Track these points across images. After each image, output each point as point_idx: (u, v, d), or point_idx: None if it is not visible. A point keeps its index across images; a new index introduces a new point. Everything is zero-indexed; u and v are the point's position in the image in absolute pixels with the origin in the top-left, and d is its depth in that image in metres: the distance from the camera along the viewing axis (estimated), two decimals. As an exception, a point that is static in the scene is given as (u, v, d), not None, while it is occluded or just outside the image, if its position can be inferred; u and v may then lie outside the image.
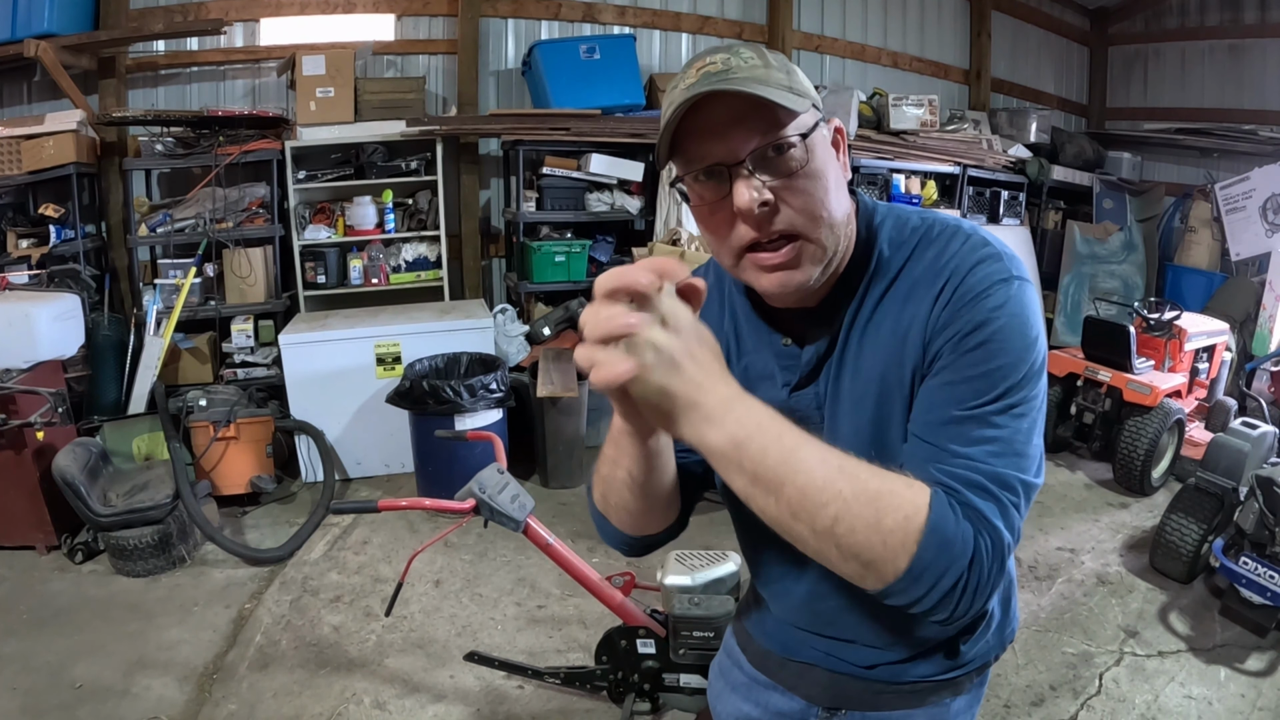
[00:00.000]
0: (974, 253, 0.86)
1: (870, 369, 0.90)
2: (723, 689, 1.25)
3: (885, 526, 0.73)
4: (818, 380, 0.94)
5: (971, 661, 1.05)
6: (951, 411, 0.81)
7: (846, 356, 0.92)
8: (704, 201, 0.86)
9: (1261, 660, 2.76)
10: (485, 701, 2.56)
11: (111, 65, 4.56)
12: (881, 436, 0.89)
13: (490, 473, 2.11)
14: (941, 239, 0.89)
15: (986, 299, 0.83)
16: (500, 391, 3.77)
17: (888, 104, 5.63)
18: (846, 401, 0.92)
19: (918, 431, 0.84)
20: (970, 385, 0.81)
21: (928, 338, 0.85)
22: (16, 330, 3.57)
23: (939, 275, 0.86)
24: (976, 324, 0.82)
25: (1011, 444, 0.80)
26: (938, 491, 0.76)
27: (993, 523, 0.77)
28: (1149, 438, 3.91)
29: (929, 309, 0.86)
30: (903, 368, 0.87)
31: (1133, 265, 6.09)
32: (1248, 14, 5.89)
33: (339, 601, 3.14)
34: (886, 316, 0.89)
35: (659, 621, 2.23)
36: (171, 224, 4.44)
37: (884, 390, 0.89)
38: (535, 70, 4.91)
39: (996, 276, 0.84)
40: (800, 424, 0.90)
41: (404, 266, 4.94)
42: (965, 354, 0.82)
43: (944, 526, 0.74)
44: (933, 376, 0.85)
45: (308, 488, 4.16)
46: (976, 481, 0.78)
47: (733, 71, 0.81)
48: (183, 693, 2.61)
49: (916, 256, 0.90)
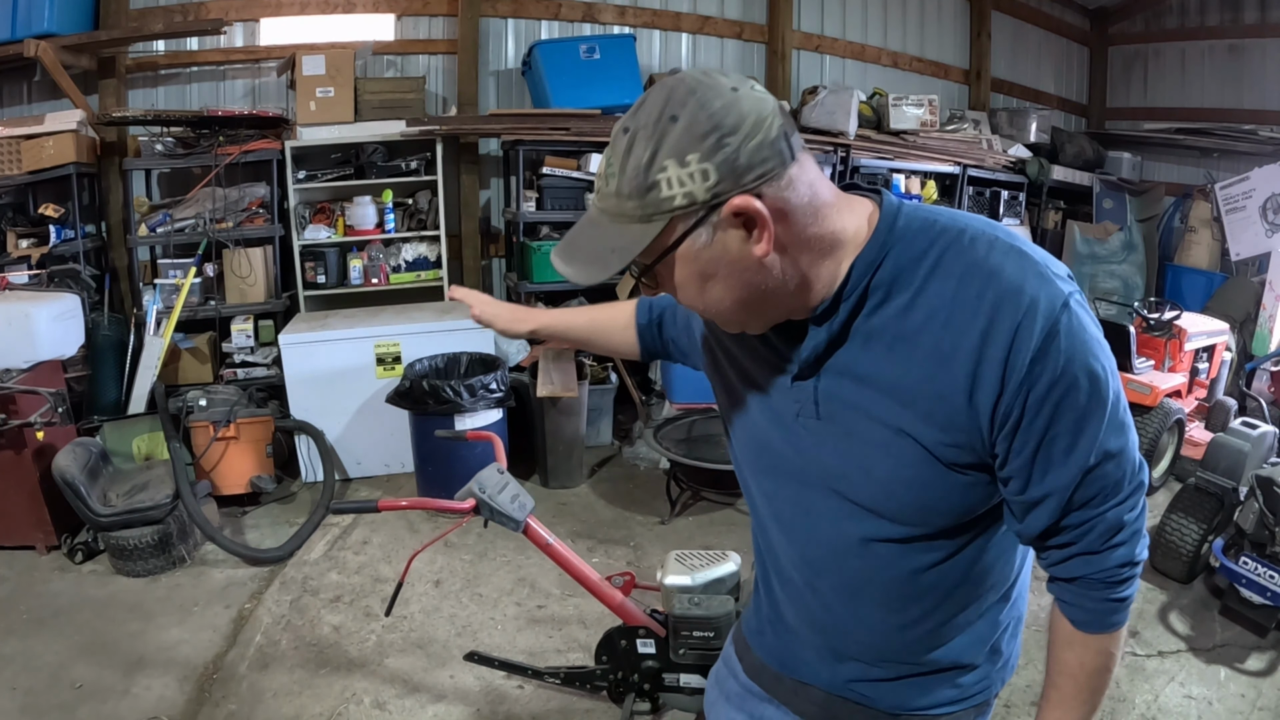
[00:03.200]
0: (1020, 271, 0.81)
1: (898, 381, 0.85)
2: (717, 698, 1.23)
3: (1109, 664, 0.97)
4: (817, 377, 0.91)
5: (973, 696, 1.04)
6: (1067, 477, 0.85)
7: (857, 361, 0.88)
8: None
9: (1261, 660, 2.76)
10: (485, 701, 2.56)
11: (111, 65, 4.56)
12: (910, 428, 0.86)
13: (490, 473, 2.11)
14: (975, 245, 0.84)
15: (1053, 342, 0.79)
16: (500, 391, 3.77)
17: (888, 104, 5.63)
18: (857, 405, 0.89)
19: (1044, 511, 0.87)
20: (1073, 439, 0.83)
21: (994, 383, 0.81)
22: (16, 330, 3.57)
23: (985, 303, 0.81)
24: (1054, 379, 0.80)
25: (1122, 461, 0.86)
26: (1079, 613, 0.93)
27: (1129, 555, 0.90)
28: (1149, 438, 3.91)
29: (977, 344, 0.81)
30: (946, 399, 0.83)
31: (1133, 265, 6.09)
32: (1248, 14, 5.89)
33: (339, 601, 3.15)
34: (921, 333, 0.84)
35: (659, 621, 2.23)
36: (171, 224, 4.44)
37: (921, 407, 0.84)
38: (535, 70, 4.91)
39: (1056, 303, 0.80)
40: (795, 415, 0.94)
41: (404, 266, 4.94)
42: (1057, 409, 0.81)
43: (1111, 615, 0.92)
44: (1027, 438, 0.83)
45: (308, 488, 4.16)
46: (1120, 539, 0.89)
47: (603, 196, 0.82)
48: (183, 693, 2.61)
49: (946, 265, 0.84)
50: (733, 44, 5.75)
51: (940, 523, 0.91)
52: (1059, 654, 0.97)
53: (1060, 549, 0.90)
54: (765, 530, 1.08)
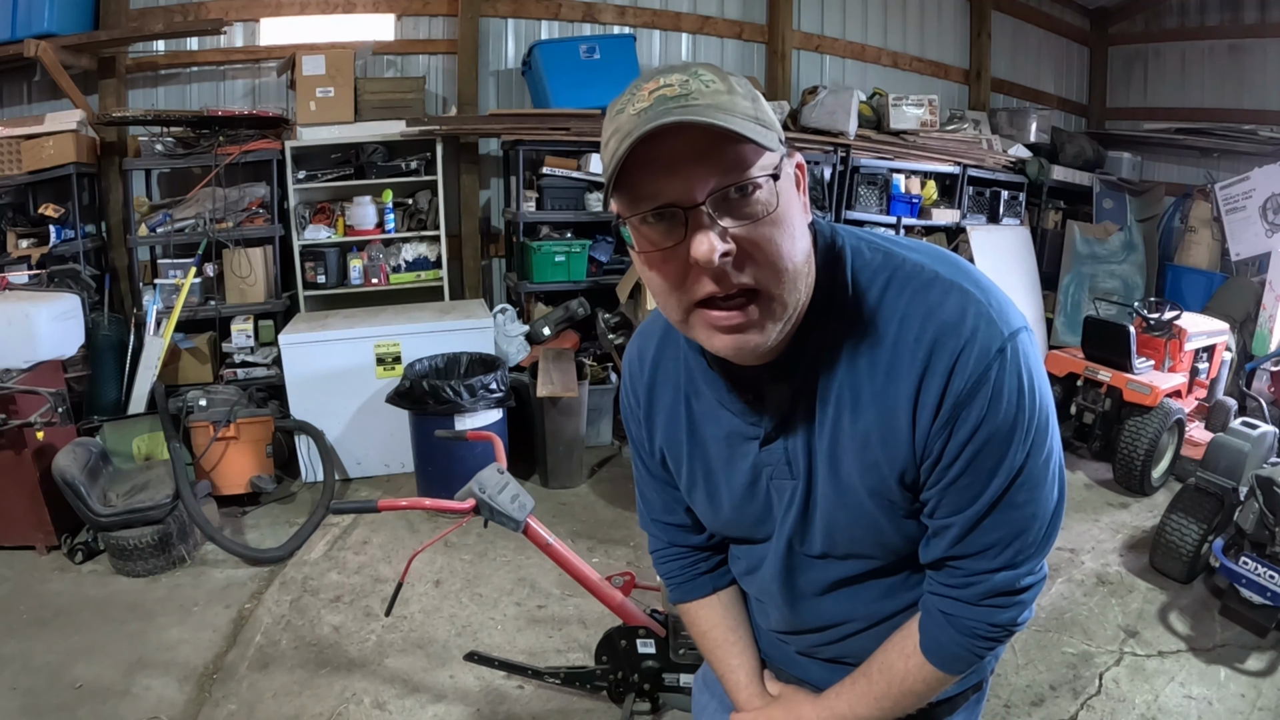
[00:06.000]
0: (959, 311, 0.79)
1: (852, 430, 0.85)
2: (707, 702, 1.22)
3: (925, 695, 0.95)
4: (787, 435, 0.89)
5: (968, 676, 1.03)
6: (971, 514, 0.83)
7: (818, 410, 0.86)
8: (653, 247, 0.75)
9: (1261, 660, 2.76)
10: (485, 701, 2.56)
11: (111, 65, 4.56)
12: (878, 485, 0.86)
13: (490, 473, 2.11)
14: (914, 284, 0.82)
15: (983, 387, 0.78)
16: (500, 391, 3.77)
17: (888, 104, 5.63)
18: (819, 457, 0.88)
19: (941, 541, 0.87)
20: (985, 479, 0.82)
21: (924, 426, 0.81)
22: (16, 330, 3.57)
23: (922, 345, 0.79)
24: (977, 424, 0.79)
25: (1031, 518, 0.84)
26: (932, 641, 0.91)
27: (1006, 620, 0.88)
28: (1149, 438, 3.91)
29: (915, 386, 0.80)
30: (891, 439, 0.83)
31: (1133, 265, 6.09)
32: (1248, 14, 5.89)
33: (339, 601, 3.15)
34: (865, 379, 0.83)
35: (659, 621, 2.23)
36: (171, 224, 4.44)
37: (869, 455, 0.85)
38: (535, 70, 4.91)
39: (992, 347, 0.77)
40: (771, 476, 0.93)
41: (404, 266, 4.95)
42: (975, 456, 0.80)
43: (956, 662, 0.91)
44: (942, 476, 0.82)
45: (308, 488, 4.16)
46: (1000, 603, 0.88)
47: (693, 97, 0.70)
48: (183, 693, 2.61)
49: (889, 302, 0.82)
50: (733, 44, 5.75)
51: (901, 551, 0.93)
52: (891, 658, 0.94)
53: (944, 585, 0.90)
54: (744, 577, 1.10)
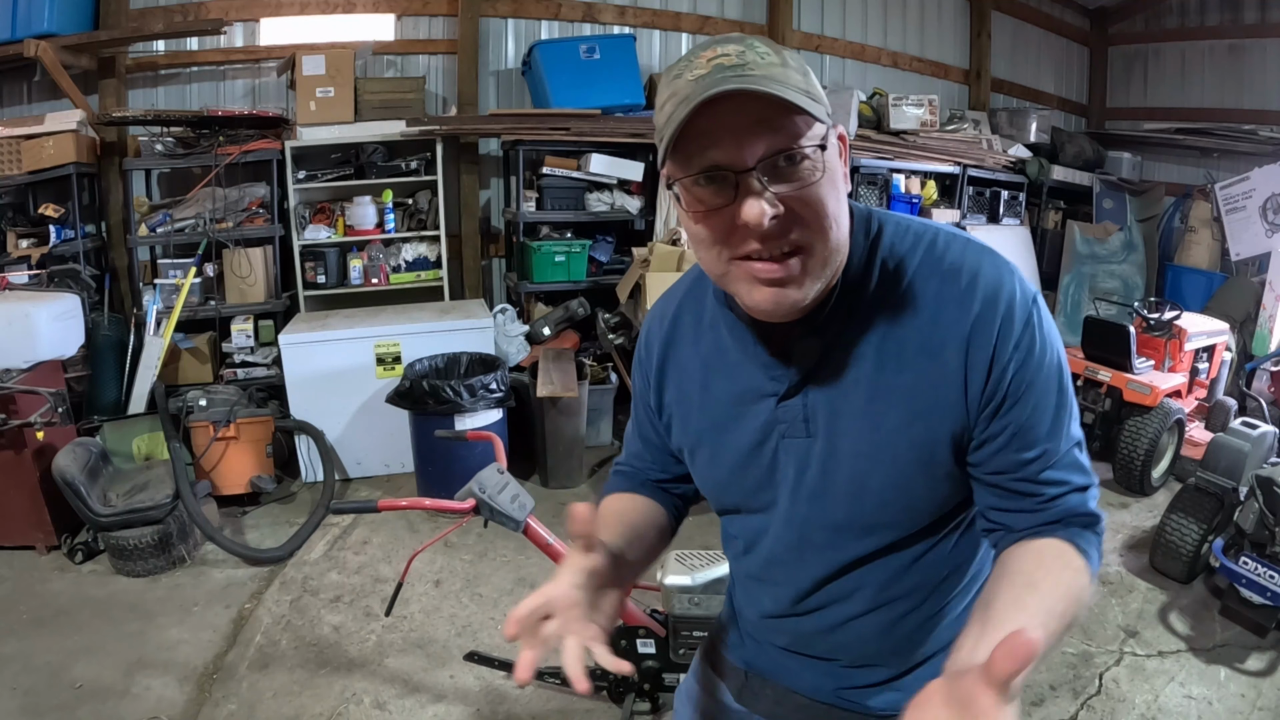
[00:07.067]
0: (996, 268, 0.86)
1: (889, 384, 0.86)
2: (691, 715, 1.19)
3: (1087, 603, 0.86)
4: (805, 390, 0.90)
5: None
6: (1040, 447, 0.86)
7: (852, 366, 0.87)
8: (702, 206, 0.79)
9: (1261, 660, 2.76)
10: (485, 701, 2.56)
11: (111, 65, 4.56)
12: (924, 436, 0.87)
13: (490, 473, 2.11)
14: (954, 245, 0.87)
15: (1029, 329, 0.84)
16: (500, 391, 3.77)
17: (888, 104, 5.63)
18: (848, 416, 0.88)
19: (1020, 473, 0.87)
20: (1045, 412, 0.86)
21: (983, 364, 0.84)
22: (16, 330, 3.57)
23: (971, 296, 0.84)
24: (1035, 355, 0.84)
25: (1081, 448, 0.89)
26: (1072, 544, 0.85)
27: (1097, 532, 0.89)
28: (1149, 438, 3.91)
29: (965, 335, 0.84)
30: (941, 387, 0.85)
31: (1133, 265, 6.09)
32: (1248, 14, 5.89)
33: (339, 601, 3.15)
34: (910, 332, 0.86)
35: (659, 621, 2.23)
36: (171, 224, 4.44)
37: (914, 406, 0.86)
38: (535, 70, 4.91)
39: (1030, 296, 0.86)
40: (784, 434, 0.92)
41: (404, 266, 4.95)
42: (1029, 385, 0.85)
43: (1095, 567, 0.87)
44: (1006, 413, 0.85)
45: (308, 488, 4.16)
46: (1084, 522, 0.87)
47: (749, 67, 0.74)
48: (183, 693, 2.61)
49: (927, 266, 0.86)
50: (733, 44, 5.75)
51: (922, 521, 0.92)
52: (1052, 564, 0.82)
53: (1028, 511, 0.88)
54: (741, 557, 1.08)
